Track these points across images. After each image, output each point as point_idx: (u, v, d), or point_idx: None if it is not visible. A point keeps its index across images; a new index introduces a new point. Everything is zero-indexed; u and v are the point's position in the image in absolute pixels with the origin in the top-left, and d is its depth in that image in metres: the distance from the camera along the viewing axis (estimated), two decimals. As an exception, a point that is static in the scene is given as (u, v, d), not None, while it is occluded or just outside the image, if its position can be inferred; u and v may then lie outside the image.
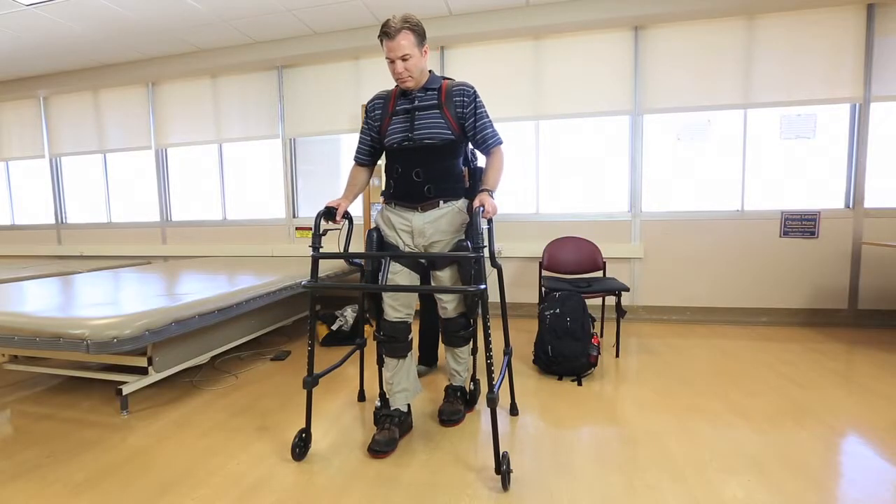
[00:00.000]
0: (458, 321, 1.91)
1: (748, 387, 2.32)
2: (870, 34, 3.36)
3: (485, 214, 1.58)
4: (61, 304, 2.31)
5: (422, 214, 1.78)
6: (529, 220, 4.01)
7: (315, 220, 1.69)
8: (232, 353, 2.97)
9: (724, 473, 1.56)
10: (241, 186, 4.84)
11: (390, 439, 1.75)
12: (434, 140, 1.72)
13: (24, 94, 5.21)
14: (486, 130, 1.77)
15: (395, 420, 1.83)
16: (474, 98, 1.76)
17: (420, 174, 1.75)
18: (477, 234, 1.53)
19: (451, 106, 1.73)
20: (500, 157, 1.79)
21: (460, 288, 1.68)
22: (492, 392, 1.51)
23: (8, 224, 5.82)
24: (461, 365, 2.03)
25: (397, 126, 1.75)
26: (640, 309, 3.86)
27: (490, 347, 1.57)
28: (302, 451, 1.70)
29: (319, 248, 1.67)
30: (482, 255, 1.55)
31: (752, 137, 3.65)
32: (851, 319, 3.55)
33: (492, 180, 1.74)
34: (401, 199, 1.81)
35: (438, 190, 1.77)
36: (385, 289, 1.76)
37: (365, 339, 2.09)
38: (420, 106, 1.74)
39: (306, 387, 1.68)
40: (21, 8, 3.47)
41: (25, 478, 1.61)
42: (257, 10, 3.61)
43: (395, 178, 1.80)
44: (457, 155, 1.81)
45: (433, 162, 1.75)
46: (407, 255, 1.77)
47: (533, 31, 3.77)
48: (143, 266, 4.07)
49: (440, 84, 1.77)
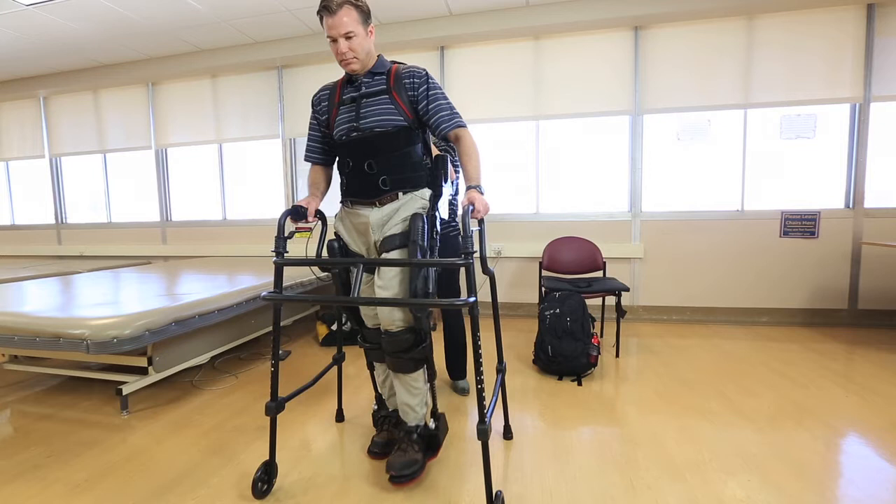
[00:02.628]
0: (404, 338, 1.53)
1: (748, 387, 2.32)
2: (870, 34, 3.36)
3: (475, 214, 1.39)
4: (61, 304, 2.31)
5: (380, 209, 1.58)
6: (529, 219, 4.01)
7: (279, 220, 1.48)
8: (232, 353, 2.97)
9: (723, 473, 1.56)
10: (241, 186, 4.84)
11: (388, 440, 1.69)
12: (384, 127, 1.53)
13: (24, 94, 5.21)
14: (439, 113, 1.55)
15: (393, 421, 1.75)
16: (426, 79, 1.56)
17: (373, 165, 1.55)
18: (467, 237, 1.29)
19: (401, 90, 1.55)
20: (467, 142, 1.55)
21: (445, 302, 1.34)
22: (483, 422, 1.28)
23: (8, 224, 5.82)
24: (416, 397, 1.62)
25: (344, 116, 1.58)
26: (640, 309, 3.86)
27: (481, 370, 1.33)
28: (266, 486, 1.49)
29: (284, 254, 1.47)
30: (472, 262, 1.31)
31: (752, 137, 3.65)
32: (851, 319, 3.55)
33: (473, 173, 1.51)
34: (356, 196, 1.62)
35: (395, 181, 1.56)
36: (357, 302, 1.43)
37: (343, 354, 1.92)
38: (367, 93, 1.56)
39: (269, 413, 1.47)
40: (21, 8, 3.47)
41: (25, 478, 1.61)
42: (257, 10, 3.61)
43: (348, 174, 1.62)
44: (412, 142, 1.59)
45: (386, 151, 1.55)
46: (381, 263, 1.49)
47: (533, 31, 3.77)
48: (143, 266, 4.07)
49: (389, 68, 1.60)
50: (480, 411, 1.30)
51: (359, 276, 1.47)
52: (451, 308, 1.60)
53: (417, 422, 1.63)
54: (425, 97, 1.55)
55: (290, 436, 1.89)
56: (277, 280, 1.49)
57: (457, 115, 1.57)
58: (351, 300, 1.41)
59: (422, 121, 1.59)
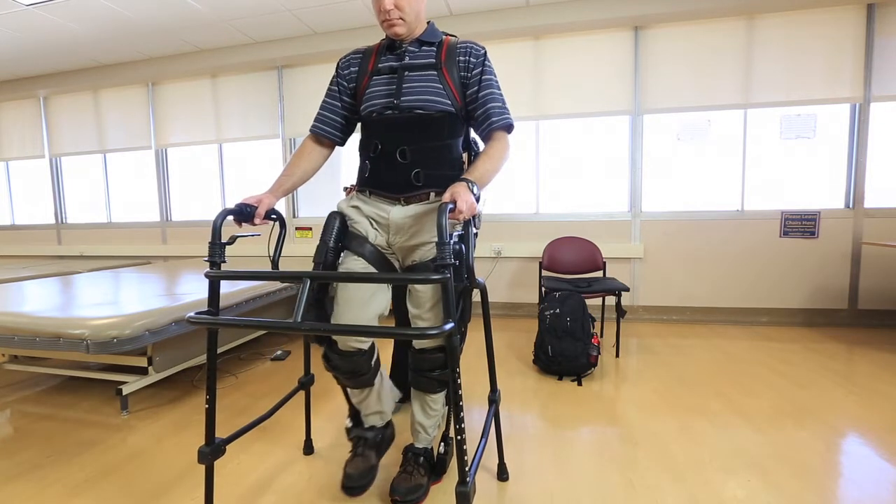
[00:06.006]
0: (434, 357, 1.32)
1: (748, 387, 2.32)
2: (870, 34, 3.36)
3: (455, 214, 1.08)
4: (61, 304, 2.31)
5: (404, 207, 1.33)
6: (529, 219, 4.01)
7: (215, 221, 1.16)
8: (232, 353, 2.97)
9: (724, 473, 1.56)
10: (241, 186, 4.84)
11: (365, 469, 1.40)
12: (428, 110, 1.28)
13: (24, 94, 5.21)
14: (490, 104, 1.30)
15: (369, 441, 1.46)
16: (483, 60, 1.32)
17: (406, 154, 1.30)
18: (443, 243, 0.99)
19: (453, 68, 1.30)
20: (502, 145, 1.30)
21: (414, 331, 1.11)
22: (464, 483, 1.01)
23: (8, 224, 5.82)
24: (431, 419, 1.46)
25: (379, 89, 1.31)
26: (640, 309, 3.86)
27: (461, 416, 1.04)
28: None
29: (221, 264, 1.16)
30: (449, 277, 1.00)
31: (752, 137, 3.65)
32: (851, 319, 3.55)
33: (480, 170, 1.23)
34: (379, 188, 1.35)
35: (430, 178, 1.31)
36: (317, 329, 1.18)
37: (312, 376, 1.65)
38: (411, 64, 1.30)
39: (203, 460, 1.17)
40: (21, 8, 3.47)
41: (25, 478, 1.61)
42: (257, 10, 3.61)
43: (373, 159, 1.34)
44: (456, 133, 1.36)
45: (425, 140, 1.30)
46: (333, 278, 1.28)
47: (533, 31, 3.77)
48: (143, 266, 4.07)
49: (441, 38, 1.35)
50: (461, 468, 1.02)
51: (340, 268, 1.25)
52: (423, 338, 1.27)
53: (426, 444, 1.48)
54: (478, 82, 1.31)
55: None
56: (212, 297, 1.16)
57: (507, 112, 1.33)
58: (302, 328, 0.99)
59: (467, 108, 1.34)
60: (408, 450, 1.50)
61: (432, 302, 1.31)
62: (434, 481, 1.50)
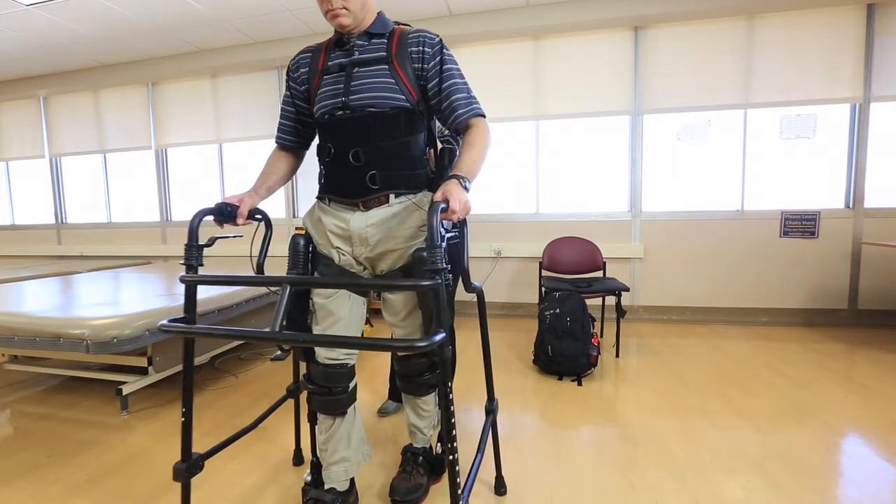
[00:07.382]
0: (419, 362, 1.36)
1: (748, 387, 2.32)
2: (870, 34, 3.36)
3: (448, 214, 1.00)
4: (61, 304, 2.31)
5: (364, 214, 1.24)
6: (529, 220, 4.01)
7: (192, 221, 1.10)
8: (232, 353, 2.97)
9: (724, 473, 1.56)
10: (240, 186, 4.84)
11: None
12: (380, 108, 1.19)
13: (24, 94, 5.21)
14: (455, 96, 1.21)
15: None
16: (440, 49, 1.22)
17: (360, 156, 1.21)
18: (434, 246, 0.91)
19: (406, 60, 1.21)
20: (481, 132, 1.22)
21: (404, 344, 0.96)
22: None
23: (8, 224, 5.82)
24: (425, 420, 1.49)
25: (328, 89, 1.23)
26: (640, 309, 3.86)
27: (454, 435, 0.97)
28: None
29: (199, 268, 1.11)
30: (440, 283, 0.92)
31: (751, 137, 3.65)
32: (851, 319, 3.55)
33: (467, 163, 1.15)
34: (335, 194, 1.27)
35: (387, 179, 1.22)
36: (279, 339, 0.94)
37: (300, 385, 1.59)
38: (360, 59, 1.21)
39: (178, 478, 1.12)
40: (21, 8, 3.47)
41: (25, 478, 1.61)
42: (257, 10, 3.61)
43: (328, 164, 1.28)
44: (414, 129, 1.25)
45: (379, 139, 1.21)
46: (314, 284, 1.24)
47: (533, 31, 3.77)
48: (143, 266, 4.07)
49: (391, 29, 1.25)
50: (453, 493, 0.95)
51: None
52: (411, 351, 1.18)
53: (424, 444, 1.52)
54: (437, 74, 1.22)
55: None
56: (188, 304, 1.08)
57: (475, 101, 1.24)
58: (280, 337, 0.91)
59: (429, 103, 1.26)
60: (406, 450, 1.52)
61: (407, 310, 1.29)
62: (434, 481, 1.51)
